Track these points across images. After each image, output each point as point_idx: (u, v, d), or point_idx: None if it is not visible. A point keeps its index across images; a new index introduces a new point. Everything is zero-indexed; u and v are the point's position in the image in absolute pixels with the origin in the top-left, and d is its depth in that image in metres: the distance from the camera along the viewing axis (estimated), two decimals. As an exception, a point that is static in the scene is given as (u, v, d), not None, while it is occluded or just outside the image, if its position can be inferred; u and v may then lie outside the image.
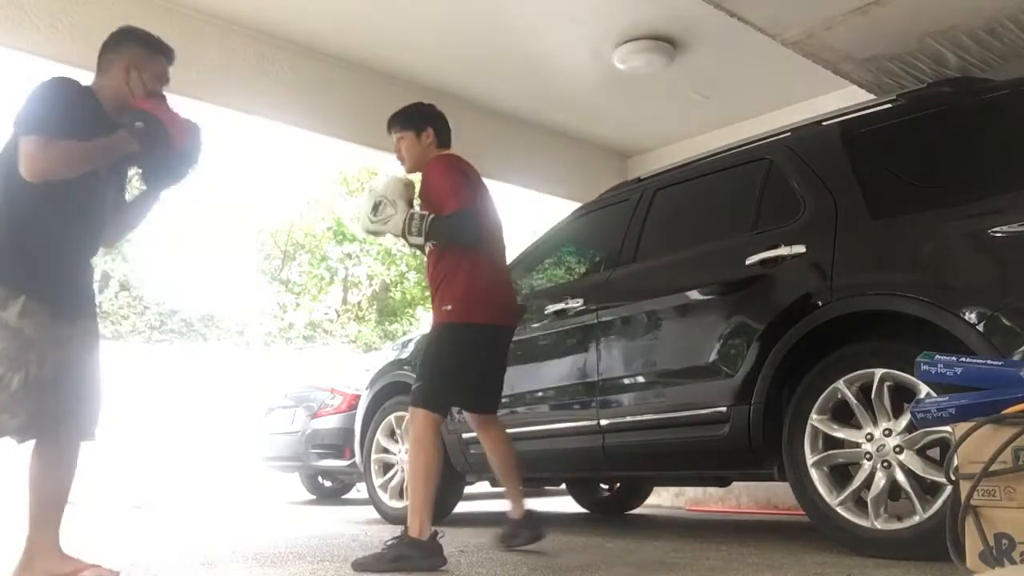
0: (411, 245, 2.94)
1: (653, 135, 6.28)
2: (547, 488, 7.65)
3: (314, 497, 7.80)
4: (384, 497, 4.54)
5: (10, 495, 2.87)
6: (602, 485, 5.58)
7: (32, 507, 2.37)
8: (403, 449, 4.41)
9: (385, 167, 3.63)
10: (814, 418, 2.79)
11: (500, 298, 3.02)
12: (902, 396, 2.62)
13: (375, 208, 2.86)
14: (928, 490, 2.53)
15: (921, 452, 2.57)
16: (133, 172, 2.64)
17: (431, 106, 3.17)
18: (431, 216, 2.83)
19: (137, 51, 2.56)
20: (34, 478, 2.37)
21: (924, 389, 2.46)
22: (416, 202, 2.99)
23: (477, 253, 2.93)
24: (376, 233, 2.92)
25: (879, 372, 2.64)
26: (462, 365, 2.93)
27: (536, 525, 3.18)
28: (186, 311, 18.51)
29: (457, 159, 3.07)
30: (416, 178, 3.08)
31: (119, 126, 2.43)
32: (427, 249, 2.99)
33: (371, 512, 4.77)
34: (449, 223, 2.83)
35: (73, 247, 2.44)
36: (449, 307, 2.88)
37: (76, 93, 2.40)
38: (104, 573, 2.42)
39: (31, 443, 2.36)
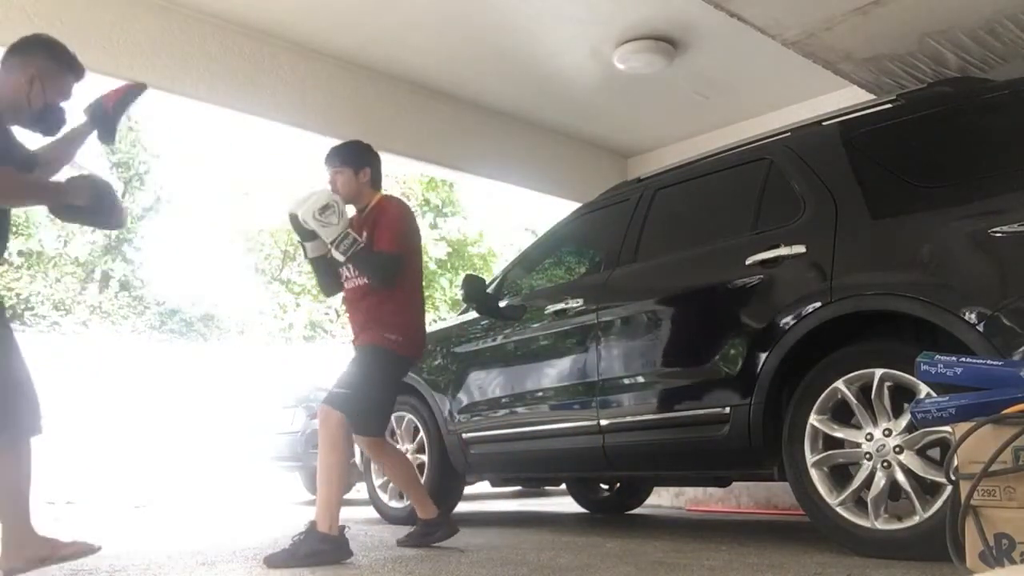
0: (326, 255, 3.18)
1: (653, 135, 6.28)
2: (547, 488, 7.66)
3: (314, 497, 7.80)
4: (384, 497, 4.54)
5: None
6: (602, 485, 5.58)
7: (1, 500, 2.46)
8: (403, 449, 4.42)
9: (385, 167, 3.63)
10: (814, 418, 2.79)
11: (423, 337, 3.38)
12: (902, 396, 2.62)
13: (324, 208, 2.99)
14: (928, 490, 2.53)
15: (921, 452, 2.57)
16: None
17: (369, 147, 3.41)
18: (362, 243, 3.07)
19: (46, 63, 2.56)
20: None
21: (924, 389, 2.46)
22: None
23: (416, 296, 3.29)
24: (305, 226, 3.03)
25: (879, 372, 2.64)
26: (389, 390, 3.28)
27: (450, 521, 3.43)
28: (186, 311, 18.52)
29: (408, 209, 3.36)
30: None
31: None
32: (356, 280, 3.23)
33: (371, 512, 4.78)
34: (376, 259, 3.10)
35: None
36: (397, 338, 3.16)
37: None
38: (84, 548, 2.52)
39: None
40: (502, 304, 4.23)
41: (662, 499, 6.05)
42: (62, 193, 2.54)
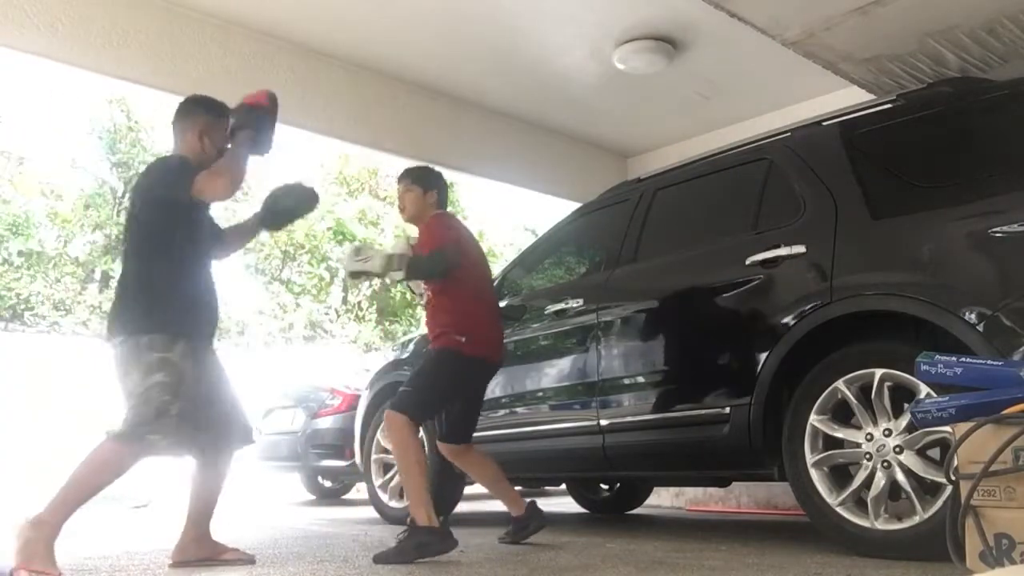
0: (394, 280, 3.37)
1: (653, 135, 6.28)
2: (547, 488, 7.66)
3: (314, 497, 7.80)
4: (384, 497, 4.54)
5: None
6: (602, 485, 5.58)
7: (192, 506, 2.91)
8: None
9: (385, 167, 3.63)
10: (814, 418, 2.79)
11: (497, 336, 3.41)
12: (902, 396, 2.62)
13: (355, 252, 3.30)
14: (928, 490, 2.53)
15: (921, 452, 2.57)
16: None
17: (440, 173, 3.57)
18: (407, 256, 3.21)
19: (205, 118, 2.95)
20: (197, 481, 2.93)
21: (924, 389, 2.46)
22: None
23: (484, 296, 3.41)
24: (359, 272, 3.28)
25: (879, 372, 2.64)
26: (454, 389, 3.32)
27: (540, 515, 3.48)
28: (186, 311, 18.47)
29: (450, 216, 3.54)
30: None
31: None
32: (423, 286, 3.41)
33: (371, 512, 4.77)
34: (423, 260, 3.22)
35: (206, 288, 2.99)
36: (464, 339, 3.22)
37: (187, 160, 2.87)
38: (242, 556, 2.91)
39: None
40: (502, 304, 4.23)
41: (662, 499, 6.05)
42: (244, 144, 2.92)
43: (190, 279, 2.87)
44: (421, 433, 4.39)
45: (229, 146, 2.94)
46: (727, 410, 3.06)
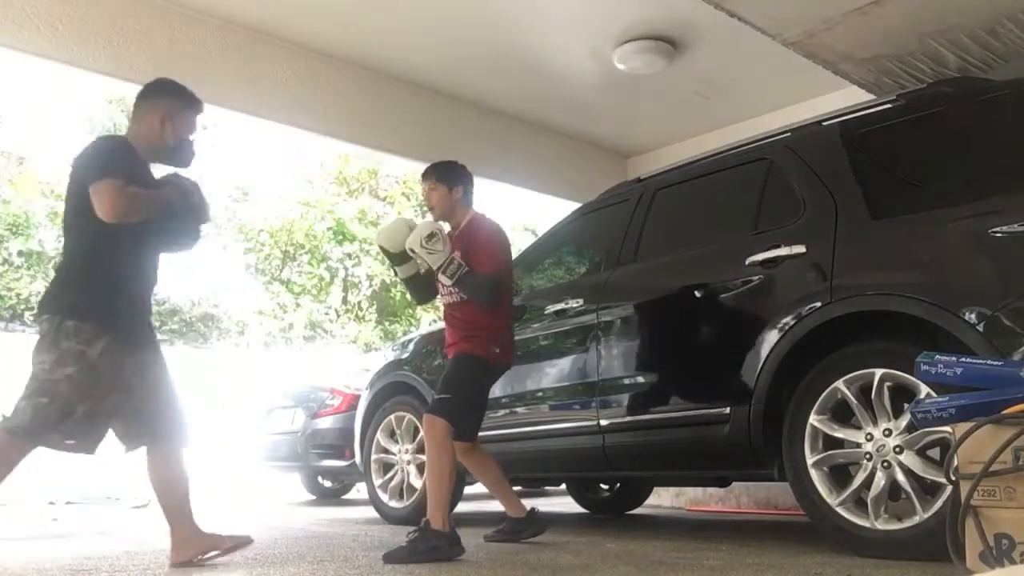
0: (417, 274, 3.44)
1: (653, 135, 6.28)
2: (547, 488, 7.66)
3: (314, 497, 7.80)
4: (384, 497, 4.54)
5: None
6: (602, 485, 5.58)
7: (165, 507, 2.80)
8: (403, 449, 4.42)
9: (386, 167, 3.63)
10: (814, 418, 2.79)
11: (514, 347, 3.50)
12: (902, 396, 2.62)
13: (430, 236, 3.19)
14: (928, 490, 2.53)
15: (921, 452, 2.57)
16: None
17: (464, 168, 3.54)
18: (466, 268, 3.21)
19: (172, 104, 2.84)
20: (160, 481, 2.80)
21: (924, 389, 2.46)
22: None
23: (509, 308, 3.47)
24: (415, 253, 3.23)
25: (879, 372, 2.64)
26: (484, 398, 3.39)
27: (539, 521, 3.48)
28: (186, 311, 18.51)
29: (500, 229, 3.49)
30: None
31: (160, 179, 2.84)
32: (453, 296, 3.38)
33: (371, 512, 4.77)
34: (480, 281, 3.24)
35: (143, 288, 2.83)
36: (497, 349, 3.31)
37: (128, 148, 2.74)
38: (241, 540, 2.84)
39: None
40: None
41: (662, 499, 6.05)
42: (170, 198, 2.76)
43: (120, 267, 2.70)
44: (423, 434, 4.43)
45: (192, 137, 2.86)
46: (727, 410, 3.06)
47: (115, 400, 2.65)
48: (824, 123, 3.29)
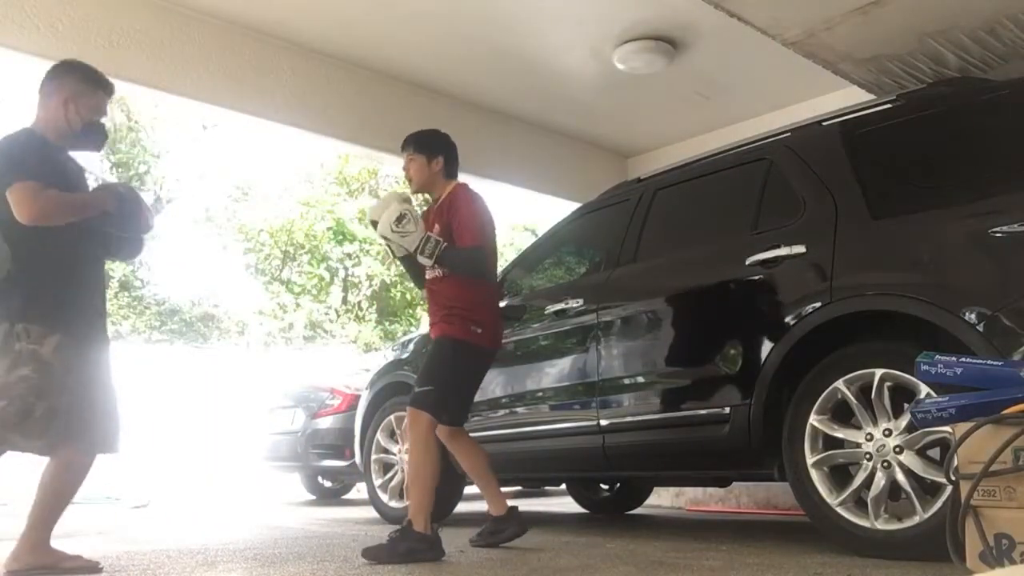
0: (417, 262, 3.17)
1: (653, 135, 6.28)
2: (547, 488, 7.66)
3: (314, 497, 7.80)
4: (384, 497, 4.54)
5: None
6: (602, 485, 5.58)
7: (37, 506, 2.61)
8: (403, 449, 4.42)
9: (385, 167, 3.63)
10: (814, 418, 2.79)
11: (501, 323, 3.35)
12: (902, 396, 2.62)
13: (399, 219, 3.05)
14: (928, 490, 2.53)
15: (921, 452, 2.57)
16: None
17: (446, 136, 3.38)
18: (444, 244, 3.06)
19: (75, 85, 2.72)
20: (45, 482, 2.62)
21: (924, 389, 2.45)
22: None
23: (492, 285, 3.28)
24: (389, 240, 3.11)
25: (879, 372, 2.64)
26: (471, 382, 3.24)
27: (520, 521, 3.30)
28: (186, 311, 18.51)
29: (479, 198, 3.28)
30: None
31: (97, 187, 2.78)
32: (436, 271, 3.21)
33: (371, 512, 4.77)
34: (462, 255, 3.09)
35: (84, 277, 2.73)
36: (481, 330, 3.14)
37: (39, 141, 2.63)
38: (86, 564, 2.63)
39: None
40: (502, 304, 4.23)
41: (662, 499, 6.05)
42: (98, 201, 2.70)
43: (62, 270, 2.63)
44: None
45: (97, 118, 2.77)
46: (727, 410, 3.06)
47: (70, 396, 2.58)
48: (824, 123, 3.28)
